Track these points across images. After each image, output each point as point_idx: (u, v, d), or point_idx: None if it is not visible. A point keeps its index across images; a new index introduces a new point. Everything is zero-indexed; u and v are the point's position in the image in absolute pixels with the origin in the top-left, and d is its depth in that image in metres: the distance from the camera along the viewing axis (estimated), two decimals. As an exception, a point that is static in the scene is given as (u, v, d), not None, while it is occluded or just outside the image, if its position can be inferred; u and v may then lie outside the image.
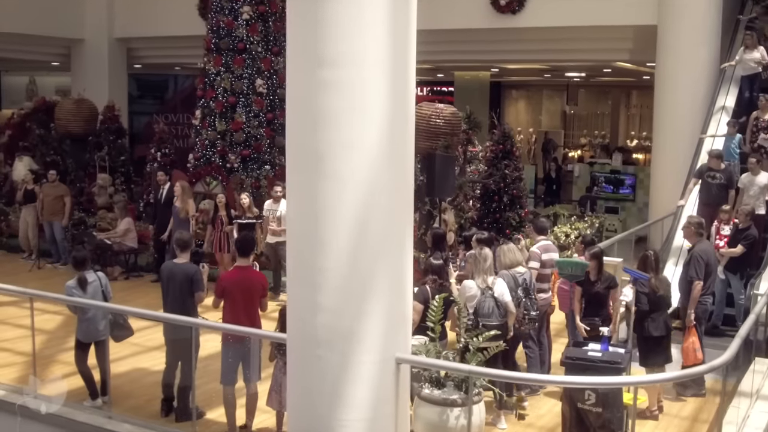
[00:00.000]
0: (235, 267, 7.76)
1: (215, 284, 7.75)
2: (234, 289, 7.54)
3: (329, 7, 5.69)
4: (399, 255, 6.17)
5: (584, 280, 8.30)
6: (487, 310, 7.63)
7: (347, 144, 5.82)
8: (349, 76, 5.77)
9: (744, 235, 10.54)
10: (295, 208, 6.10)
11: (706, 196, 12.05)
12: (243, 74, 15.90)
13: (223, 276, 7.70)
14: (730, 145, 13.12)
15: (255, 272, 7.87)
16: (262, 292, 7.71)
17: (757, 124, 12.89)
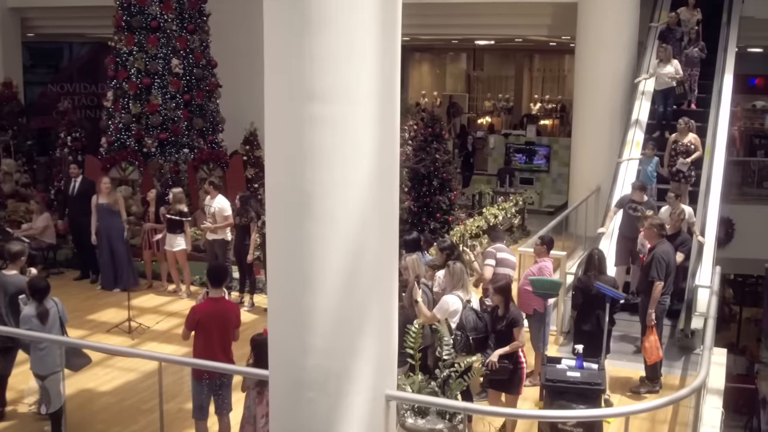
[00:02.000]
0: (207, 299, 7.34)
1: (187, 315, 7.32)
2: (208, 321, 7.18)
3: (319, 41, 5.38)
4: (388, 290, 6.02)
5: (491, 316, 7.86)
6: (473, 323, 7.59)
7: (338, 182, 5.56)
8: (341, 111, 5.50)
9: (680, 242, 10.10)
10: (280, 248, 5.82)
11: (627, 229, 11.38)
12: (158, 54, 15.23)
13: (196, 308, 7.27)
14: (647, 168, 12.85)
15: (229, 303, 7.52)
16: (236, 323, 7.41)
17: (676, 148, 12.53)
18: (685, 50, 14.65)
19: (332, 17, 5.35)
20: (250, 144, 16.54)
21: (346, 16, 5.37)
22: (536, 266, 8.97)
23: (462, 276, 7.95)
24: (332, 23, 5.35)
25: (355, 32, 5.42)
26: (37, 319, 7.35)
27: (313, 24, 5.35)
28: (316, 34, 5.37)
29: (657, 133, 14.15)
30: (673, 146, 12.56)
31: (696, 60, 14.60)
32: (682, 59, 14.38)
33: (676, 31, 14.87)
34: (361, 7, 5.40)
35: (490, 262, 8.81)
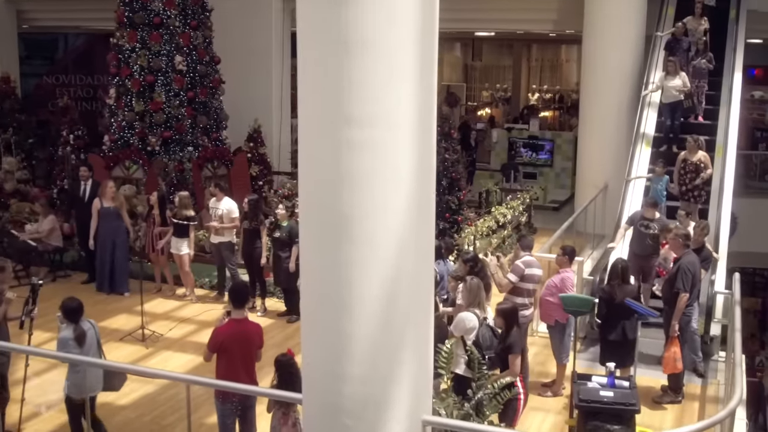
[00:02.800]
0: (230, 320, 7.18)
1: (210, 337, 7.16)
2: (232, 343, 7.03)
3: (357, 63, 5.24)
4: (424, 314, 5.94)
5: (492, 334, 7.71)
6: (489, 342, 7.50)
7: (377, 206, 5.45)
8: (380, 135, 5.37)
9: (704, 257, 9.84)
10: (316, 273, 5.70)
11: (638, 247, 10.96)
12: (161, 51, 15.01)
13: (219, 330, 7.11)
14: (657, 186, 12.52)
15: (252, 324, 7.35)
16: (259, 344, 7.29)
17: (685, 167, 12.21)
18: (693, 61, 14.31)
19: (370, 39, 5.21)
20: (254, 141, 16.39)
21: (385, 37, 5.24)
22: (558, 277, 8.88)
23: (479, 293, 7.82)
24: (371, 45, 5.21)
25: (394, 54, 5.28)
26: (74, 342, 7.16)
27: (350, 46, 5.21)
28: (354, 56, 5.23)
29: (664, 147, 13.88)
30: (683, 164, 12.24)
31: (704, 71, 14.23)
32: (689, 70, 14.06)
33: (683, 42, 14.50)
34: (400, 28, 5.27)
35: (512, 278, 8.65)
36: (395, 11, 5.21)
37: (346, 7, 5.14)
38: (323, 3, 5.22)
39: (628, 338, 8.56)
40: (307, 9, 5.36)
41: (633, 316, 8.45)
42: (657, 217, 10.92)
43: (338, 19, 5.17)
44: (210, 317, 11.37)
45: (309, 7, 5.35)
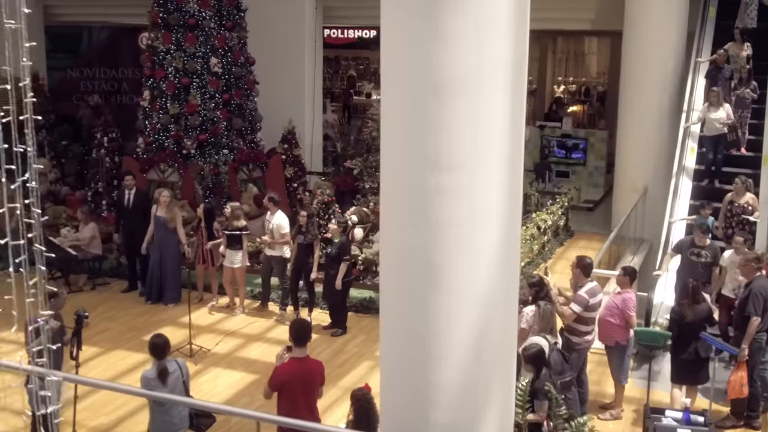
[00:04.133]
0: (292, 359, 6.97)
1: (271, 376, 6.99)
2: (293, 382, 6.86)
3: (448, 107, 5.07)
4: (510, 359, 5.83)
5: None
6: (560, 367, 7.37)
7: (466, 253, 5.29)
8: (470, 179, 5.20)
9: None
10: (403, 320, 5.56)
11: (687, 276, 9.90)
12: (196, 52, 14.83)
13: (280, 370, 6.90)
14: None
15: (314, 362, 7.15)
16: (321, 381, 7.14)
17: (732, 209, 11.40)
18: (736, 90, 13.73)
19: (462, 81, 5.04)
20: (288, 142, 16.23)
21: (477, 79, 5.07)
22: (619, 297, 8.70)
23: (551, 319, 7.76)
24: (462, 87, 5.05)
25: (485, 96, 5.12)
26: (157, 380, 7.00)
27: (440, 88, 5.04)
28: (443, 98, 5.06)
29: (706, 182, 13.42)
30: (729, 207, 11.45)
31: (747, 102, 13.54)
32: (731, 99, 13.49)
33: (725, 70, 13.90)
34: (493, 70, 5.10)
35: (576, 308, 8.43)
36: (488, 54, 5.04)
37: (438, 49, 4.97)
38: (412, 44, 5.05)
39: (700, 357, 8.38)
40: (394, 50, 5.20)
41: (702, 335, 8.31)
42: (708, 243, 10.37)
43: (428, 61, 5.00)
44: (254, 330, 11.28)
45: (396, 48, 5.19)
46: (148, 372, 7.02)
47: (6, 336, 10.64)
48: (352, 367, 10.05)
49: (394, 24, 5.17)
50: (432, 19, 4.93)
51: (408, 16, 5.03)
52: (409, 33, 5.05)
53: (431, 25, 4.93)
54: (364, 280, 12.42)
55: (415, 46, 5.02)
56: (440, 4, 4.89)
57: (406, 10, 5.04)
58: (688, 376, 8.40)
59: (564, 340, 8.32)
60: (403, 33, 5.10)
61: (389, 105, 5.37)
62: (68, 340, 7.87)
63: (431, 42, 4.95)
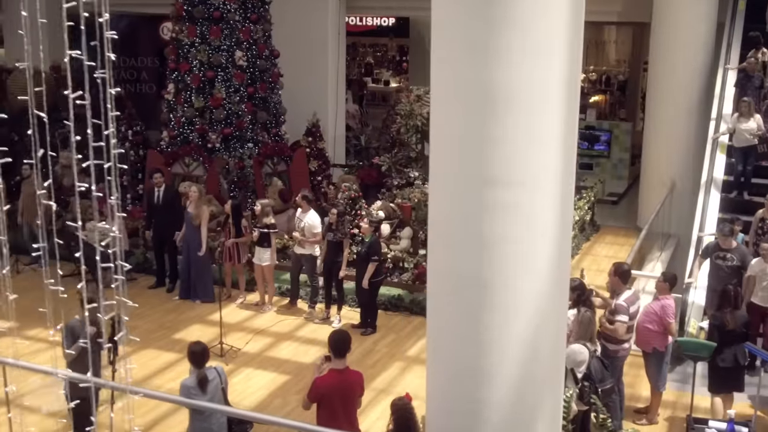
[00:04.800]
0: (331, 370, 6.88)
1: (310, 388, 6.91)
2: (333, 394, 6.81)
3: (503, 124, 4.99)
4: (558, 380, 5.77)
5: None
6: (600, 374, 7.31)
7: (519, 271, 5.23)
8: (523, 196, 5.13)
9: None
10: (453, 336, 5.51)
11: (715, 281, 9.96)
12: (221, 46, 14.74)
13: (319, 382, 6.82)
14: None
15: (353, 374, 7.07)
16: (360, 392, 7.08)
17: (763, 226, 11.00)
18: (766, 99, 13.51)
19: (516, 97, 4.96)
20: (312, 135, 16.16)
21: (532, 95, 4.99)
22: (658, 304, 8.61)
23: (590, 326, 7.67)
24: (517, 103, 4.97)
25: (540, 113, 5.04)
26: (197, 389, 6.98)
27: (495, 104, 4.96)
28: (498, 115, 4.98)
29: (735, 193, 13.16)
30: (760, 224, 11.07)
31: None
32: (762, 109, 13.22)
33: (755, 79, 13.61)
34: (548, 86, 5.01)
35: (622, 318, 8.33)
36: (544, 71, 4.96)
37: (495, 66, 4.89)
38: (468, 61, 4.97)
39: (739, 364, 8.33)
40: (447, 66, 5.11)
41: (744, 342, 8.21)
42: (734, 246, 10.05)
43: (485, 78, 4.92)
44: (283, 328, 11.25)
45: (449, 65, 5.10)
46: (187, 380, 6.99)
47: (37, 334, 10.74)
48: (383, 368, 10.01)
49: (447, 40, 5.09)
50: (488, 37, 4.85)
51: (463, 33, 4.95)
52: (463, 50, 4.97)
53: (487, 43, 4.85)
54: (391, 277, 12.37)
55: (471, 64, 4.94)
56: (496, 21, 4.80)
57: (461, 27, 4.95)
58: (728, 384, 8.31)
59: (601, 347, 8.24)
60: (457, 49, 5.02)
61: (441, 120, 5.30)
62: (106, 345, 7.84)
63: (488, 59, 4.87)
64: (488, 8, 4.80)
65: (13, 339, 8.22)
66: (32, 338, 10.78)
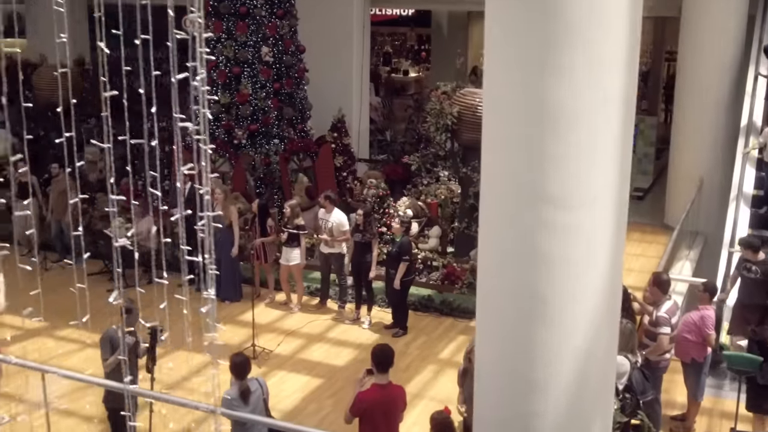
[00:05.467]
0: (374, 385, 6.79)
1: (353, 402, 6.81)
2: (375, 409, 6.75)
3: (564, 143, 4.92)
4: (609, 394, 5.75)
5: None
6: (642, 386, 7.26)
7: (575, 288, 5.19)
8: (581, 215, 5.07)
9: None
10: (505, 350, 5.47)
11: (744, 294, 9.68)
12: (247, 41, 14.68)
13: (362, 396, 6.77)
14: None
15: (396, 388, 7.02)
16: (403, 407, 7.04)
17: None
18: None
19: (577, 116, 4.89)
20: (338, 131, 16.10)
21: (594, 115, 4.92)
22: (697, 314, 8.52)
23: (631, 338, 7.60)
24: (577, 122, 4.89)
25: (600, 132, 4.97)
26: (239, 400, 6.95)
27: (557, 122, 4.89)
28: (559, 133, 4.91)
29: (765, 209, 12.97)
30: None
31: None
32: None
33: None
34: (610, 106, 4.94)
35: (665, 331, 8.23)
36: (603, 89, 4.89)
37: (555, 84, 4.82)
38: (527, 80, 4.89)
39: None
40: (504, 84, 5.03)
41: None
42: (761, 258, 9.66)
43: (545, 97, 4.85)
44: (314, 329, 11.22)
45: (507, 83, 5.02)
46: (229, 392, 6.96)
47: (68, 334, 10.77)
48: (416, 371, 9.98)
49: (504, 58, 5.02)
50: (548, 55, 4.78)
51: (521, 51, 4.88)
52: (522, 68, 4.89)
53: (549, 60, 4.78)
54: (420, 276, 12.32)
55: (531, 81, 4.87)
56: (557, 40, 4.73)
57: (519, 45, 4.88)
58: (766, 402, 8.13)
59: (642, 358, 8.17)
60: (515, 67, 4.94)
61: (497, 137, 5.22)
62: (143, 352, 7.84)
63: (550, 77, 4.80)
64: (549, 26, 4.74)
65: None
66: (63, 338, 10.83)
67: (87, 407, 8.71)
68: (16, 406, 8.90)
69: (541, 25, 4.77)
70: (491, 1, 5.05)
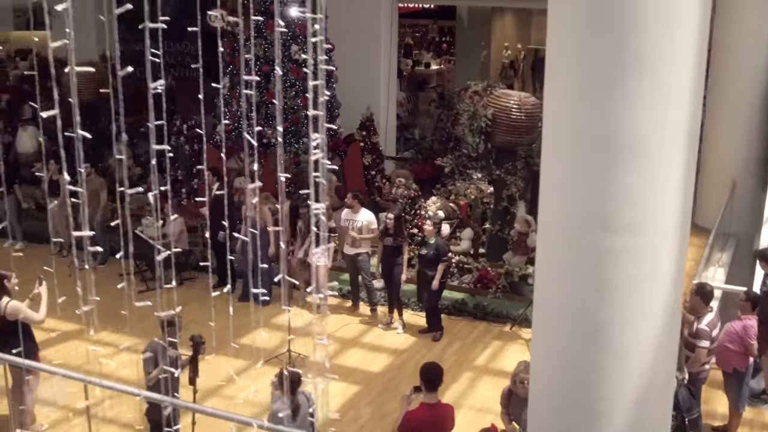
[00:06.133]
0: (422, 404, 6.75)
1: (401, 422, 6.70)
2: (424, 429, 6.68)
3: (626, 171, 4.88)
4: (667, 419, 5.70)
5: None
6: (688, 403, 7.20)
7: (636, 315, 5.17)
8: (643, 241, 5.05)
9: None
10: (562, 375, 5.43)
11: (762, 312, 8.79)
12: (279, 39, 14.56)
13: (410, 416, 6.69)
14: None
15: (445, 407, 6.92)
16: (451, 426, 6.98)
17: None
18: None
19: (642, 145, 4.84)
20: (366, 129, 16.04)
21: (658, 144, 4.86)
22: (739, 324, 8.44)
23: (679, 354, 7.51)
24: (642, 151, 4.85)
25: (664, 161, 4.92)
26: (290, 417, 6.88)
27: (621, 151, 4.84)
28: (622, 162, 4.87)
29: None
30: None
31: None
32: None
33: None
34: (673, 135, 4.88)
35: (704, 344, 8.10)
36: (668, 118, 4.83)
37: (620, 112, 4.77)
38: (589, 106, 4.85)
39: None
40: (574, 113, 4.97)
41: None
42: None
43: (609, 124, 4.80)
44: (347, 334, 11.20)
45: (569, 110, 4.97)
46: (279, 406, 6.93)
47: (103, 337, 10.76)
48: (453, 378, 9.92)
49: (568, 87, 4.97)
50: (615, 84, 4.73)
51: (586, 80, 4.83)
52: (588, 97, 4.85)
53: (614, 90, 4.73)
54: (452, 279, 12.26)
55: (596, 111, 4.82)
56: (625, 69, 4.69)
57: (584, 74, 4.83)
58: None
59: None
60: (580, 96, 4.90)
61: (558, 166, 5.18)
62: (185, 364, 7.81)
63: (615, 107, 4.76)
64: (617, 55, 4.68)
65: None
66: (98, 341, 10.78)
67: (129, 415, 8.69)
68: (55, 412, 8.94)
69: (608, 54, 4.72)
70: (555, 30, 5.02)
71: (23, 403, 8.49)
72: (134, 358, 10.04)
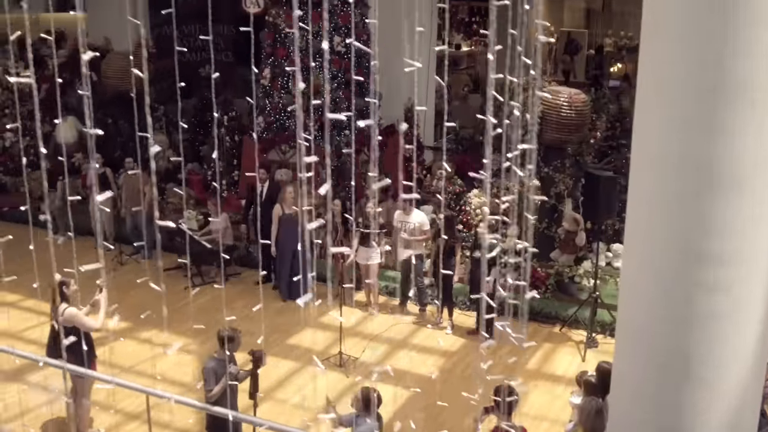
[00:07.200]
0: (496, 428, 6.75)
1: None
2: None
3: (725, 203, 4.77)
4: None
5: None
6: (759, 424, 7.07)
7: (727, 350, 5.07)
8: (737, 274, 4.95)
9: None
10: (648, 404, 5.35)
11: None
12: (319, 31, 14.40)
13: None
14: None
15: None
16: None
17: None
18: None
19: (742, 176, 4.72)
20: (407, 120, 15.88)
21: (758, 175, 4.74)
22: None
23: None
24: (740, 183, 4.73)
25: (761, 193, 4.79)
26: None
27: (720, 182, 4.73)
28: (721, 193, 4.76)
29: None
30: None
31: None
32: None
33: None
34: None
35: None
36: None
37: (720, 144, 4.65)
38: (692, 139, 4.72)
39: None
40: (668, 142, 4.84)
41: None
42: None
43: (710, 155, 4.69)
44: (396, 334, 11.13)
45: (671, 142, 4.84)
46: (365, 428, 6.87)
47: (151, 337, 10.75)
48: (505, 384, 9.85)
49: (663, 115, 4.85)
50: (714, 115, 4.61)
51: (684, 110, 4.71)
52: (684, 127, 4.74)
53: (713, 121, 4.62)
54: (500, 277, 12.16)
55: (692, 141, 4.71)
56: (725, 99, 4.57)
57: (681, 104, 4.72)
58: None
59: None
60: (676, 126, 4.78)
61: (648, 195, 5.07)
62: (243, 378, 7.76)
63: (712, 138, 4.65)
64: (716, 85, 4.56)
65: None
66: (147, 341, 10.75)
67: (190, 421, 8.68)
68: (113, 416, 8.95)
69: (707, 83, 4.60)
70: (648, 58, 4.89)
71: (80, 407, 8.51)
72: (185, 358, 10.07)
